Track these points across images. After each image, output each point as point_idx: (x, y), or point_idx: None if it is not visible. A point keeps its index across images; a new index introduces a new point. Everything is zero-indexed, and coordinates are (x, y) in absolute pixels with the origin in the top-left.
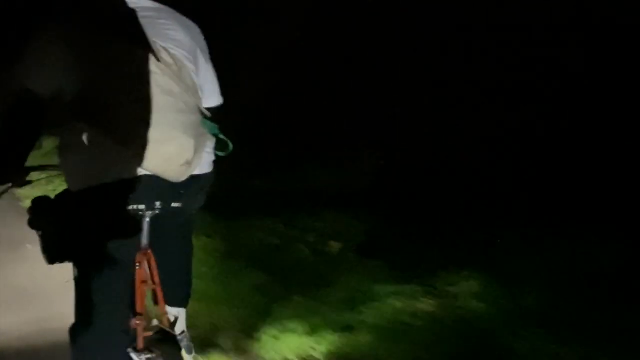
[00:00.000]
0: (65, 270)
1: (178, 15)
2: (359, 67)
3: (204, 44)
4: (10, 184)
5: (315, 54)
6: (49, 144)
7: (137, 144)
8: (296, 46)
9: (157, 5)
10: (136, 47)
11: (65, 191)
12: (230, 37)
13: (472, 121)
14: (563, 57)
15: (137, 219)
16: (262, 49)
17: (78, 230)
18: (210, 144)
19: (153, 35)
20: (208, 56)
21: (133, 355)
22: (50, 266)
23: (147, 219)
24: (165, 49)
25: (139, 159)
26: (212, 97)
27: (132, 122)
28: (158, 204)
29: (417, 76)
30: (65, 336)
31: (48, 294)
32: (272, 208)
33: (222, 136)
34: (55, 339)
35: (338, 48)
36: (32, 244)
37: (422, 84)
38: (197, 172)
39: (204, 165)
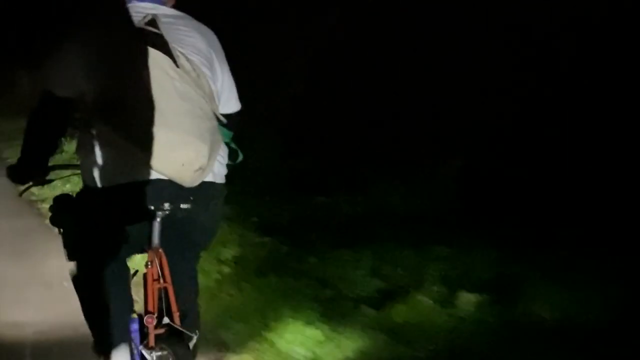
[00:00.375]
0: None
1: (195, 22)
2: (360, 69)
3: (220, 50)
4: (31, 183)
5: (319, 56)
6: (70, 147)
7: (153, 147)
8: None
9: (175, 12)
10: (155, 52)
11: (84, 190)
12: (249, 42)
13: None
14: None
15: (148, 218)
16: (285, 54)
17: (90, 227)
18: (223, 153)
19: (172, 40)
20: (225, 63)
21: (144, 352)
22: None
23: (158, 219)
24: (184, 55)
25: (153, 161)
26: (230, 103)
27: (149, 125)
28: (167, 205)
29: (437, 77)
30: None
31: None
32: (350, 232)
33: (233, 145)
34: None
35: (339, 50)
36: (68, 282)
37: (447, 86)
38: (209, 179)
39: (217, 175)
